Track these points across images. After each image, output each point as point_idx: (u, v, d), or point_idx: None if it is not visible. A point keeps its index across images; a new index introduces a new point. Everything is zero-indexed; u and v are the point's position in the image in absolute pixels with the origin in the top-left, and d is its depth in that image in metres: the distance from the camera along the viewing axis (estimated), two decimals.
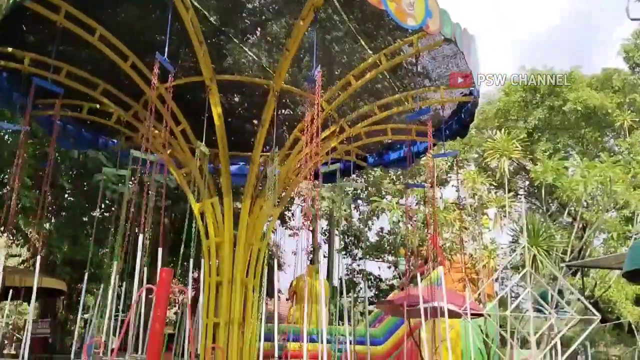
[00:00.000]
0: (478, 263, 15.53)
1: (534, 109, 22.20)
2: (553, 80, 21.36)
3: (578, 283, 17.49)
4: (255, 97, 11.33)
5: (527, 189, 24.58)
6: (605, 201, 14.93)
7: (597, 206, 15.72)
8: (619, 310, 20.48)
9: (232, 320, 10.17)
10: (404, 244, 22.12)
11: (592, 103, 20.63)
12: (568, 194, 14.59)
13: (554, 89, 21.68)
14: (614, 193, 14.44)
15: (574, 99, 20.79)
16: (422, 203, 16.62)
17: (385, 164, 13.81)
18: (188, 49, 9.61)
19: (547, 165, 15.19)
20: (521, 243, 9.50)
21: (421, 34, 9.12)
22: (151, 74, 9.67)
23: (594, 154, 21.13)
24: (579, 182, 14.12)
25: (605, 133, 23.04)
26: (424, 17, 8.04)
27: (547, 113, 21.98)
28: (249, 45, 10.18)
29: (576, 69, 22.61)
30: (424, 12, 8.09)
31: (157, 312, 2.87)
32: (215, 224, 10.63)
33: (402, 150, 13.06)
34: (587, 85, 22.11)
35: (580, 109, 20.79)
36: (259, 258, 11.19)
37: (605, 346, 22.47)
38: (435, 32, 8.55)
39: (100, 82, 10.15)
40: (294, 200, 23.89)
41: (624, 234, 17.70)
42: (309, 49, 9.58)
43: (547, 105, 21.79)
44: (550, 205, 21.59)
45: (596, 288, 19.91)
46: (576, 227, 15.84)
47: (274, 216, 11.89)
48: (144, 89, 9.85)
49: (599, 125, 21.95)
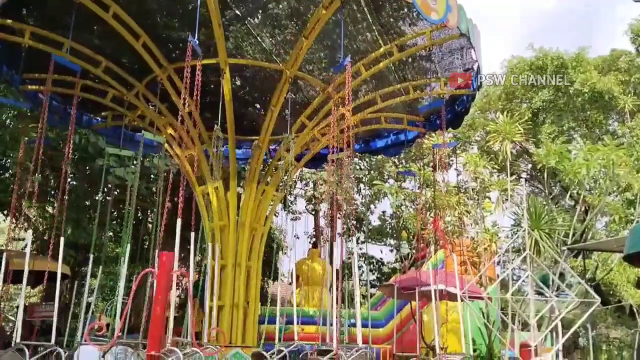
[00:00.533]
0: (479, 246, 15.57)
1: (539, 90, 22.01)
2: (559, 62, 21.20)
3: (580, 266, 17.53)
4: (257, 81, 11.29)
5: (529, 172, 24.53)
6: (608, 184, 14.90)
7: (599, 189, 15.69)
8: (620, 293, 20.55)
9: (236, 304, 10.26)
10: (406, 227, 22.21)
11: (599, 87, 20.44)
12: (570, 177, 14.55)
13: (560, 70, 21.47)
14: (616, 176, 14.40)
15: (581, 82, 20.59)
16: (424, 187, 16.65)
17: (371, 151, 13.97)
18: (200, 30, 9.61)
19: (550, 149, 15.14)
20: (523, 226, 9.51)
21: (434, 27, 9.33)
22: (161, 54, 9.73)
23: (597, 136, 21.05)
24: (581, 165, 14.08)
25: (610, 116, 22.89)
26: (445, 11, 8.38)
27: (552, 94, 21.81)
28: (252, 27, 10.12)
29: (583, 50, 22.33)
30: (445, 7, 8.36)
31: (159, 295, 2.89)
32: (219, 208, 10.66)
33: (389, 138, 13.24)
34: (594, 67, 21.87)
35: (586, 92, 20.62)
36: (262, 242, 11.26)
37: (606, 328, 22.59)
38: (454, 27, 8.79)
39: (102, 60, 10.14)
40: (296, 185, 23.92)
41: (626, 217, 17.69)
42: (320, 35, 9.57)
43: (552, 86, 21.60)
44: (553, 188, 21.56)
45: (598, 271, 19.96)
46: (578, 210, 15.83)
47: (275, 200, 11.91)
48: (154, 69, 9.88)
49: (604, 108, 21.80)
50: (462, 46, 10.17)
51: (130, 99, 10.91)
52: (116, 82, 10.61)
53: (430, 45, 9.78)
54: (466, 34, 9.00)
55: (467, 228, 17.74)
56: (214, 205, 10.58)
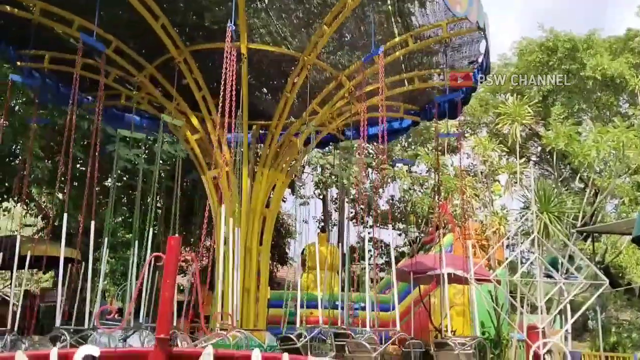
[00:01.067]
0: (488, 229, 15.54)
1: (549, 71, 21.74)
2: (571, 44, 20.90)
3: (589, 249, 17.47)
4: (263, 66, 11.26)
5: (539, 154, 24.36)
6: (618, 166, 14.78)
7: (609, 171, 15.57)
8: (629, 276, 20.50)
9: (245, 288, 10.33)
10: (414, 211, 22.18)
11: (611, 72, 20.14)
12: (580, 159, 14.45)
13: (571, 52, 21.19)
14: (626, 158, 14.29)
15: (592, 67, 20.26)
16: (432, 170, 16.61)
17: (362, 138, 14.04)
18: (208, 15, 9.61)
19: (559, 131, 15.02)
20: (532, 209, 9.48)
21: (451, 20, 9.53)
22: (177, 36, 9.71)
23: (608, 118, 20.83)
24: (591, 148, 13.97)
25: (621, 97, 22.59)
26: (467, 5, 8.48)
27: (563, 76, 21.53)
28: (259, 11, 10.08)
29: (595, 32, 21.96)
30: (467, 1, 8.50)
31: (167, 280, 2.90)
32: (229, 193, 10.71)
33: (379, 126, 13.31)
34: (607, 48, 21.50)
35: (598, 77, 20.35)
36: (271, 226, 11.32)
37: (615, 311, 22.57)
38: (474, 21, 8.90)
39: (113, 39, 10.14)
40: (304, 169, 23.92)
41: (636, 200, 17.58)
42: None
43: (563, 69, 21.33)
44: (563, 171, 21.43)
45: (607, 254, 19.89)
46: (588, 193, 15.75)
47: (284, 184, 11.97)
48: (171, 50, 9.92)
49: (615, 90, 21.52)
50: (472, 39, 10.31)
51: (141, 79, 10.94)
52: (126, 63, 10.64)
53: (447, 38, 9.93)
54: (483, 27, 9.18)
55: (476, 211, 17.70)
56: (225, 189, 10.63)
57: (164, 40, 9.70)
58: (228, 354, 3.12)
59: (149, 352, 2.89)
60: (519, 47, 22.72)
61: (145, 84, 11.05)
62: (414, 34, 10.02)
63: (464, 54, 10.90)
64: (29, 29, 9.12)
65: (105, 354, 2.86)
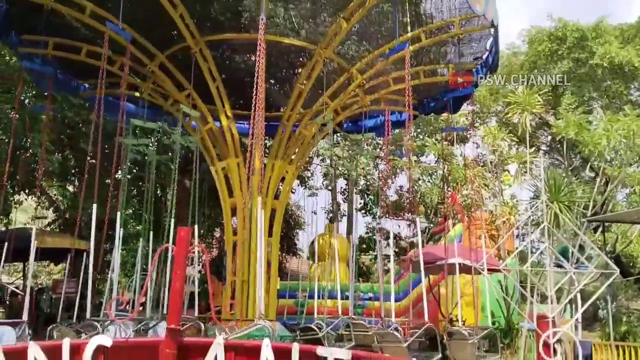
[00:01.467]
0: (498, 219, 15.49)
1: (559, 60, 21.55)
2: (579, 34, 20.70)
3: (599, 239, 17.38)
4: (272, 58, 11.26)
5: (549, 144, 24.20)
6: (628, 155, 14.66)
7: (620, 160, 15.45)
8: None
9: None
10: (423, 201, 22.16)
11: (619, 60, 19.91)
12: (590, 148, 14.33)
13: (580, 41, 20.98)
14: (637, 147, 14.16)
15: (601, 55, 20.05)
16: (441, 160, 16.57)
17: (359, 130, 14.12)
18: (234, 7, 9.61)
19: (570, 120, 14.90)
20: (542, 199, 9.43)
21: (463, 17, 9.60)
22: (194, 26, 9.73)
23: (618, 107, 20.62)
24: (601, 136, 13.85)
25: (632, 86, 22.37)
26: (485, 4, 8.50)
27: (572, 65, 21.35)
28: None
29: (603, 19, 21.71)
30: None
31: (177, 271, 2.94)
32: (240, 184, 10.75)
33: (377, 119, 13.47)
34: (618, 35, 21.26)
35: (606, 65, 20.14)
36: (280, 218, 11.36)
37: (626, 300, 22.48)
38: (490, 19, 8.95)
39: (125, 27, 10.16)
40: (312, 160, 23.95)
41: None
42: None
43: (572, 58, 21.13)
44: (573, 160, 21.27)
45: (617, 243, 19.78)
46: (598, 182, 15.63)
47: (293, 175, 11.99)
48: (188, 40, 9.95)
49: (625, 78, 21.30)
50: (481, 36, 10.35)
51: (153, 69, 10.96)
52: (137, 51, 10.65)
53: (460, 34, 9.97)
54: (496, 25, 9.20)
55: (486, 201, 17.64)
56: (235, 181, 10.67)
57: (182, 31, 9.72)
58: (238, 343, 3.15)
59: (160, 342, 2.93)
60: (529, 36, 22.53)
61: (156, 74, 11.06)
62: (427, 29, 10.06)
63: (473, 50, 10.92)
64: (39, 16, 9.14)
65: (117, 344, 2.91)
